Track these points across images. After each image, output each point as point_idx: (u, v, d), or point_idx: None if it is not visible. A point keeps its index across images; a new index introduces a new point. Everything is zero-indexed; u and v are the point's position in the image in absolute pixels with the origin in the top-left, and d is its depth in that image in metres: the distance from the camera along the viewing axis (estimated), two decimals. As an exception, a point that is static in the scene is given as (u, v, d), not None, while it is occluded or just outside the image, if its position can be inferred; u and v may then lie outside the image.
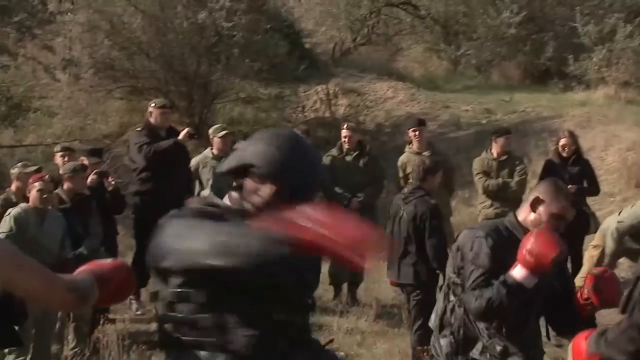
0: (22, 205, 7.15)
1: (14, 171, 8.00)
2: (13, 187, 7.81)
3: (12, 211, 6.98)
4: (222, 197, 2.97)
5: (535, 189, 4.72)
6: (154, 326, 7.93)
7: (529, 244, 4.04)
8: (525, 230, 4.17)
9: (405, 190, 7.76)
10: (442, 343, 4.50)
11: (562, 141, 9.46)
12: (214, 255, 2.49)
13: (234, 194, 2.84)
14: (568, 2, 17.69)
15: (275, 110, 15.67)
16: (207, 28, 14.26)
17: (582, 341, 3.76)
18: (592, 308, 4.31)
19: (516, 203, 8.92)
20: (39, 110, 14.26)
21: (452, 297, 4.46)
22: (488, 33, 18.24)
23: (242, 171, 2.81)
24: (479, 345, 4.39)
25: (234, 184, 2.87)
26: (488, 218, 9.30)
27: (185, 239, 2.63)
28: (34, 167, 7.81)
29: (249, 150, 2.85)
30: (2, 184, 8.90)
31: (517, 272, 4.06)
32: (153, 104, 9.40)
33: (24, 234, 6.77)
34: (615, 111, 14.69)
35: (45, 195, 6.88)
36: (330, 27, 19.75)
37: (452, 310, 4.45)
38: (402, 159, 9.92)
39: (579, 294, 4.31)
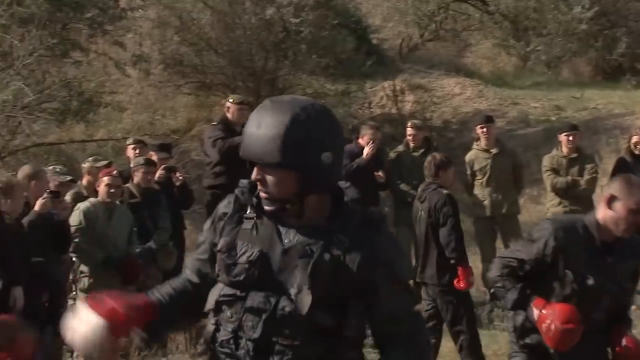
0: (91, 199, 7.27)
1: (85, 165, 8.22)
2: (84, 181, 7.98)
3: (81, 206, 7.09)
4: None
5: (608, 187, 4.62)
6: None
7: (552, 316, 4.13)
8: (604, 230, 4.09)
9: (419, 189, 7.69)
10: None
11: (635, 139, 9.24)
12: None
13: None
14: (642, -3, 17.07)
15: (341, 106, 15.21)
16: (275, 24, 14.27)
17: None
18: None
19: (586, 202, 9.27)
20: (109, 106, 14.37)
21: None
22: (559, 29, 17.90)
23: None
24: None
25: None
26: None
27: None
28: (105, 162, 8.08)
29: None
30: (73, 178, 8.45)
31: (534, 315, 4.19)
32: (231, 100, 9.48)
33: (93, 228, 6.94)
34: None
35: (113, 190, 6.98)
36: (397, 23, 19.63)
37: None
38: (470, 156, 9.78)
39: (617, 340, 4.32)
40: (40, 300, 7.16)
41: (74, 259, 7.42)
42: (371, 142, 9.23)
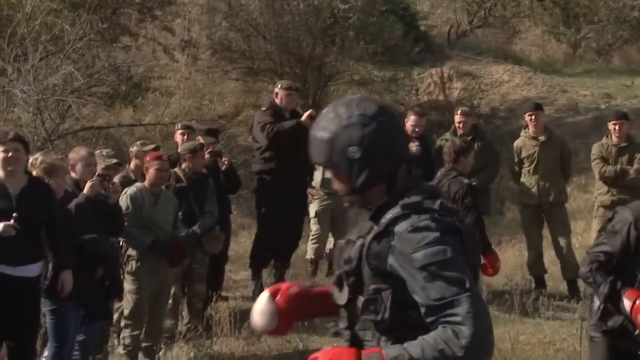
0: (137, 184, 7.37)
1: (133, 149, 8.29)
2: (132, 165, 8.06)
3: (128, 190, 7.19)
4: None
5: None
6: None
7: None
8: None
9: (438, 174, 7.63)
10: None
11: None
12: None
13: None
14: (698, -14, 16.76)
15: (388, 92, 15.28)
16: (322, 10, 14.22)
17: None
18: None
19: (634, 190, 9.16)
20: (157, 91, 14.39)
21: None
22: (610, 16, 17.65)
23: None
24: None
25: None
26: (604, 205, 9.29)
27: None
28: (152, 146, 8.17)
29: None
30: (121, 162, 8.46)
31: (627, 306, 4.27)
32: (279, 85, 9.51)
33: (139, 212, 7.07)
34: None
35: (161, 174, 7.11)
36: (446, 10, 19.53)
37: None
38: (518, 143, 9.70)
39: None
40: (95, 276, 7.18)
41: (121, 243, 7.46)
42: (414, 138, 9.10)
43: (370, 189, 2.66)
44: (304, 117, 8.92)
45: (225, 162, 8.84)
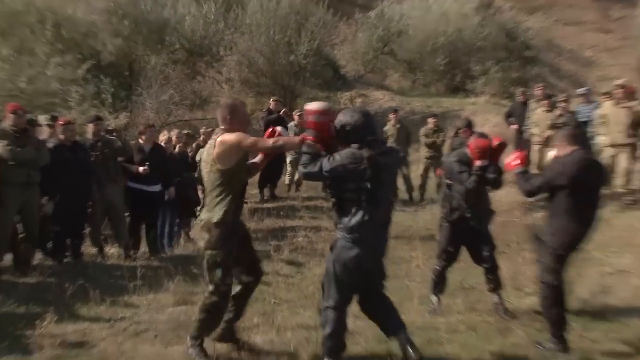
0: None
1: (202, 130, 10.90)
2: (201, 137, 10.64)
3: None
4: None
5: None
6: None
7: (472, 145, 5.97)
8: None
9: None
10: None
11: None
12: None
13: None
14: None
15: None
16: (294, 63, 18.62)
17: (516, 167, 5.62)
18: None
19: (436, 150, 12.58)
20: (213, 102, 17.29)
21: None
22: (427, 68, 22.19)
23: None
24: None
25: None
26: (426, 157, 12.85)
27: None
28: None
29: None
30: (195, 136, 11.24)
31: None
32: (272, 99, 12.69)
33: None
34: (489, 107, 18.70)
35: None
36: (353, 63, 23.91)
37: None
38: (386, 128, 12.57)
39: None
40: (183, 197, 9.65)
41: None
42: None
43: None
44: (281, 113, 12.10)
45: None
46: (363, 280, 4.69)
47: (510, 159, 5.65)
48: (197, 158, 9.62)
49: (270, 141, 4.77)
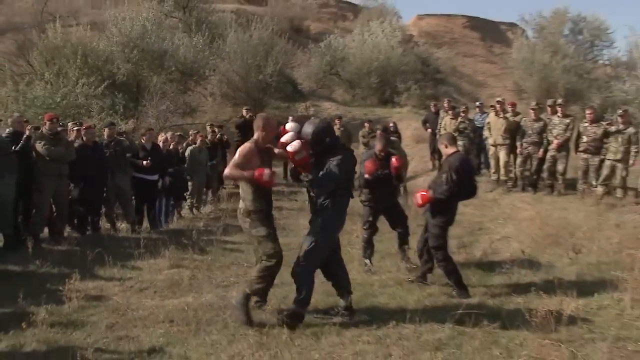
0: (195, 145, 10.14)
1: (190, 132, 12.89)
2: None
3: (190, 148, 10.00)
4: None
5: None
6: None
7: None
8: None
9: None
10: None
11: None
12: None
13: None
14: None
15: (287, 112, 18.78)
16: (262, 80, 19.00)
17: (425, 199, 5.42)
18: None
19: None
20: (200, 111, 18.60)
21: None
22: (363, 84, 22.11)
23: None
24: None
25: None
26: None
27: None
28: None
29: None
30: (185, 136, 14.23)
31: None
32: (245, 109, 12.76)
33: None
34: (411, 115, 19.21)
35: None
36: (308, 81, 23.61)
37: None
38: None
39: None
40: (175, 184, 9.64)
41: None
42: None
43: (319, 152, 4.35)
44: (248, 117, 11.98)
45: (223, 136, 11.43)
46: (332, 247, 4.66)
47: (418, 196, 5.55)
48: (187, 154, 9.90)
49: (235, 173, 4.55)
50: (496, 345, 4.00)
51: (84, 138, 8.21)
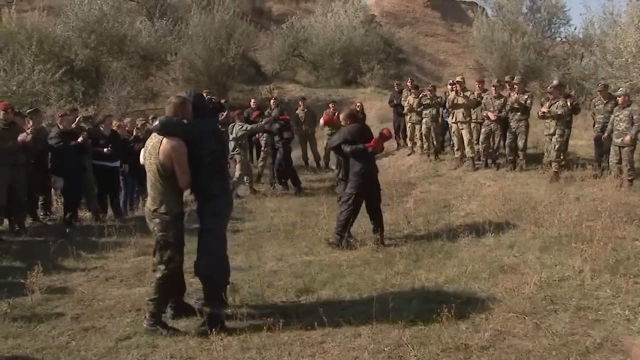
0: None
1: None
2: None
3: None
4: None
5: None
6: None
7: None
8: None
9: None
10: None
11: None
12: None
13: None
14: None
15: (251, 95, 18.56)
16: (225, 64, 19.38)
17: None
18: None
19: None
20: (163, 95, 17.94)
21: None
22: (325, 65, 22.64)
23: None
24: None
25: None
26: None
27: None
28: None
29: None
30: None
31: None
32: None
33: None
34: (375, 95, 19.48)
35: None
36: (270, 63, 23.84)
37: None
38: (298, 112, 12.75)
39: None
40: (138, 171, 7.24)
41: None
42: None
43: None
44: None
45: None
46: None
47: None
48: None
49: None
50: (463, 320, 4.06)
51: (61, 126, 8.08)
